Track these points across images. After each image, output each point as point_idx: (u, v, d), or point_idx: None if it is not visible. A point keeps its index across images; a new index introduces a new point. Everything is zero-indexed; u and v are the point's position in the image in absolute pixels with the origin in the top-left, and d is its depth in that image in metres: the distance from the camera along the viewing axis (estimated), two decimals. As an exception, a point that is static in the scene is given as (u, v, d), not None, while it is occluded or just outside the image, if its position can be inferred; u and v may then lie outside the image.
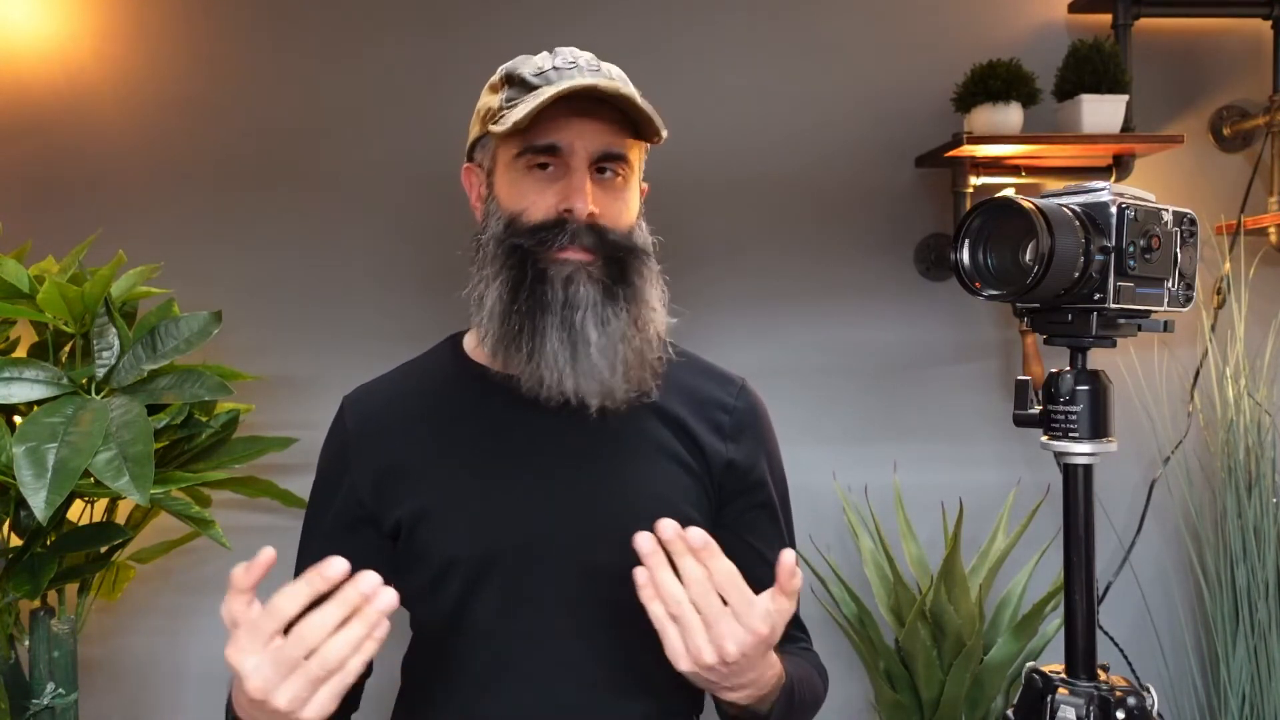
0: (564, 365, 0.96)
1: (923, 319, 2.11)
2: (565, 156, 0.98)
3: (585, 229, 0.97)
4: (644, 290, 1.01)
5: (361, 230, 2.03)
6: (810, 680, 1.04)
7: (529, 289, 0.97)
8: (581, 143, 0.97)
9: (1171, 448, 2.07)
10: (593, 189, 0.98)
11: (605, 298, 0.98)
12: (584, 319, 0.96)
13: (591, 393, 0.97)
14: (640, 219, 1.05)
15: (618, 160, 1.00)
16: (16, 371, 1.44)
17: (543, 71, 0.98)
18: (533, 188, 0.99)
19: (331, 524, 1.07)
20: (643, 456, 1.04)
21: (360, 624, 0.72)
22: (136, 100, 2.00)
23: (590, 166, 0.98)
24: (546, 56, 1.01)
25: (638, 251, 1.01)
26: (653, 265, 1.03)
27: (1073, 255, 0.84)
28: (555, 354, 0.96)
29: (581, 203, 0.96)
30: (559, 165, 0.98)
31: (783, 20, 2.08)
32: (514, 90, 0.99)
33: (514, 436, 1.03)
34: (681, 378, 1.09)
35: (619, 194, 1.01)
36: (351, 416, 1.08)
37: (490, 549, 1.01)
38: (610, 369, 0.97)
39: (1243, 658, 1.97)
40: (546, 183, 0.98)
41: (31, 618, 1.59)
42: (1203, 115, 2.14)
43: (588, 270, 0.97)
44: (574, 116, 0.96)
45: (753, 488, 1.10)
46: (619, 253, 0.99)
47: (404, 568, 1.06)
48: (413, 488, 1.03)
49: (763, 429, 1.12)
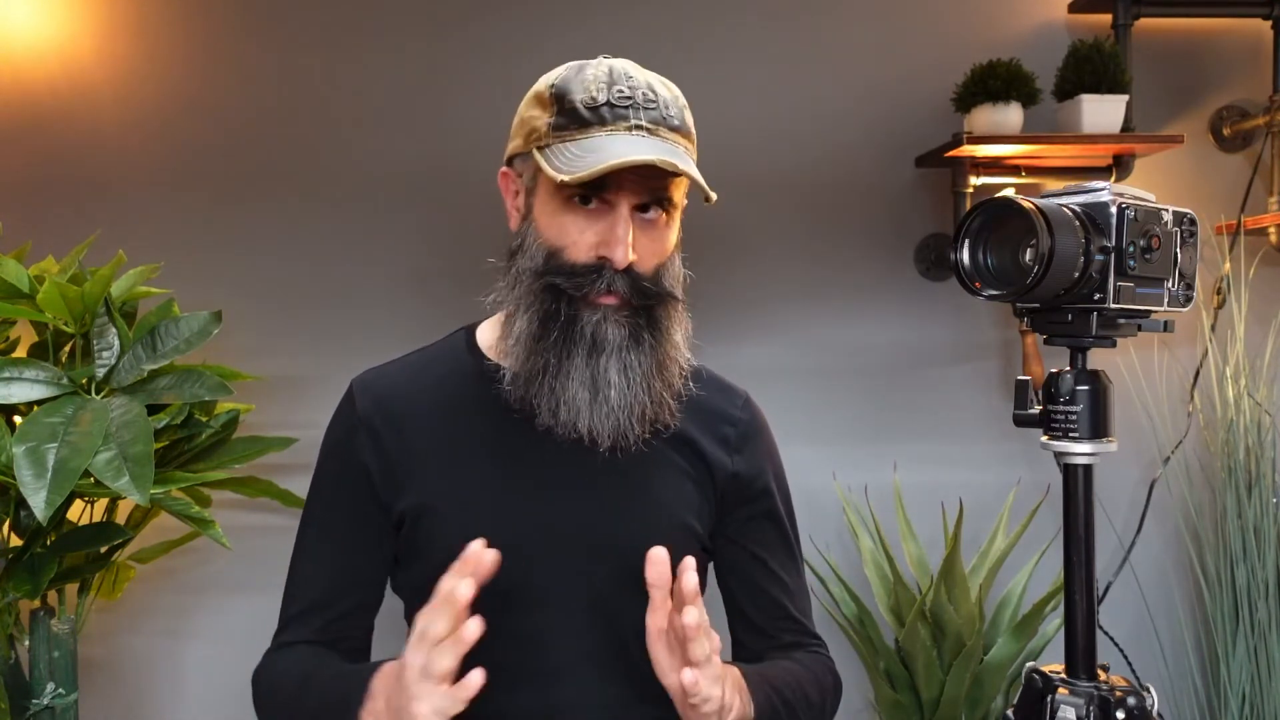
0: (583, 405, 0.97)
1: (923, 319, 2.11)
2: (610, 201, 0.96)
3: (621, 278, 0.96)
4: (670, 332, 1.01)
5: (362, 230, 2.03)
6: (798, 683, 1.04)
7: (561, 328, 0.97)
8: (628, 188, 0.96)
9: (1171, 448, 2.07)
10: (635, 233, 0.97)
11: (631, 342, 0.98)
12: (608, 362, 0.97)
13: (605, 434, 0.98)
14: (677, 250, 1.05)
15: (662, 203, 0.99)
16: (16, 371, 1.44)
17: (597, 106, 0.95)
18: (574, 225, 0.97)
19: (337, 513, 1.07)
20: (648, 464, 1.04)
21: None
22: (136, 100, 2.00)
23: (633, 209, 0.97)
24: (602, 81, 0.97)
25: (667, 298, 1.01)
26: (681, 306, 1.04)
27: (1073, 255, 0.84)
28: (576, 396, 0.97)
29: (622, 253, 0.95)
30: (601, 204, 0.97)
31: (783, 21, 2.08)
32: (563, 118, 0.96)
33: (522, 437, 1.03)
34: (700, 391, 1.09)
35: (660, 234, 1.00)
36: (361, 399, 1.07)
37: (492, 548, 1.00)
38: (627, 412, 0.98)
39: (1243, 658, 1.97)
40: (587, 221, 0.97)
41: (31, 618, 1.59)
42: (1203, 115, 2.14)
43: (616, 317, 0.97)
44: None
45: (756, 498, 1.10)
46: (649, 299, 0.99)
47: (405, 560, 1.06)
48: (419, 480, 1.03)
49: (766, 441, 1.13)
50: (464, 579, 0.82)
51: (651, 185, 0.97)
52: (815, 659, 1.12)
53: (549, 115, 0.97)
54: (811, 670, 1.09)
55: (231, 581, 1.99)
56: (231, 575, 1.99)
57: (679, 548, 1.05)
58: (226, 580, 2.00)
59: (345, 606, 1.06)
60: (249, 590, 1.97)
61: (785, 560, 1.13)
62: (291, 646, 1.04)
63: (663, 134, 0.97)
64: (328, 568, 1.06)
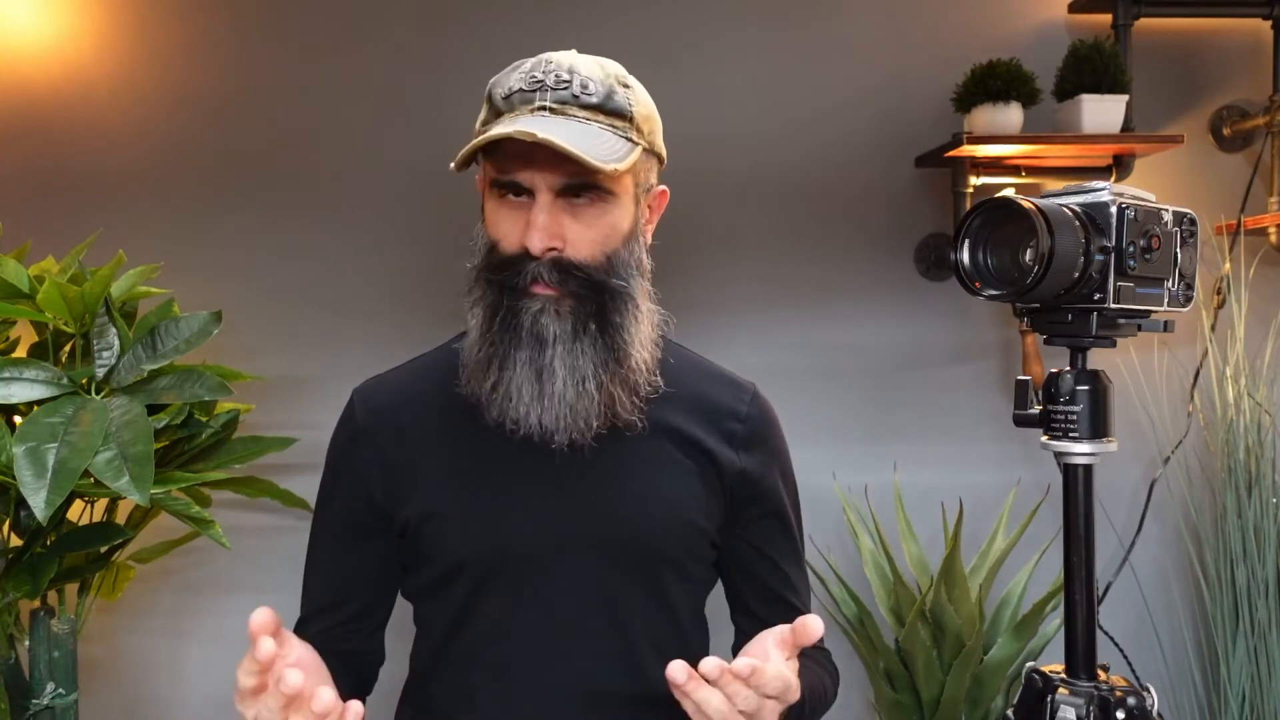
0: (530, 400, 0.96)
1: (923, 319, 2.11)
2: (525, 185, 0.95)
3: (547, 266, 0.94)
4: (621, 323, 0.98)
5: (362, 230, 2.04)
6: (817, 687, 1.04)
7: (502, 321, 0.96)
8: (540, 178, 0.94)
9: (1171, 448, 2.07)
10: (563, 218, 0.95)
11: (575, 336, 0.96)
12: (551, 356, 0.95)
13: (557, 430, 0.96)
14: (636, 236, 1.01)
15: (587, 188, 0.95)
16: (16, 371, 1.44)
17: (509, 95, 0.95)
18: (505, 219, 0.97)
19: (342, 521, 1.07)
20: (653, 463, 1.03)
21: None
22: (136, 100, 2.00)
23: (561, 195, 0.95)
24: (524, 72, 0.96)
25: (609, 286, 0.97)
26: (633, 294, 0.99)
27: (1073, 255, 0.84)
28: (520, 389, 0.96)
29: (536, 240, 0.93)
30: (526, 195, 0.96)
31: (783, 20, 2.08)
32: (488, 111, 0.98)
33: (524, 439, 1.02)
34: (691, 383, 1.08)
35: (595, 220, 0.96)
36: (362, 410, 1.08)
37: (498, 552, 1.00)
38: (576, 408, 0.96)
39: (1243, 658, 1.97)
40: (515, 214, 0.96)
41: (31, 618, 1.59)
42: (1203, 115, 2.14)
43: (556, 308, 0.95)
44: (534, 147, 0.91)
45: (764, 496, 1.09)
46: (588, 288, 0.96)
47: (410, 566, 1.06)
48: (421, 487, 1.03)
49: (775, 437, 1.11)
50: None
51: (570, 170, 0.93)
52: (818, 650, 1.12)
53: (482, 114, 0.99)
54: (818, 661, 1.10)
55: (231, 581, 1.99)
56: (231, 575, 1.99)
57: (686, 546, 1.05)
58: (226, 580, 2.00)
59: (351, 610, 1.08)
60: (249, 590, 1.97)
61: (790, 555, 1.12)
62: None
63: (571, 112, 0.94)
64: (333, 574, 1.08)
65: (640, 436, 1.02)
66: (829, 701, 1.09)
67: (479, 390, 0.98)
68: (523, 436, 0.99)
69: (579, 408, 0.96)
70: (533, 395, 0.96)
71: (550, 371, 0.95)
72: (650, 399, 1.02)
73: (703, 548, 1.06)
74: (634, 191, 1.00)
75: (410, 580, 1.08)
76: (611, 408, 0.98)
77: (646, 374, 1.01)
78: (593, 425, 0.97)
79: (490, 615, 1.01)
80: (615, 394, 0.98)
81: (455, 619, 1.03)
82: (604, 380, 0.97)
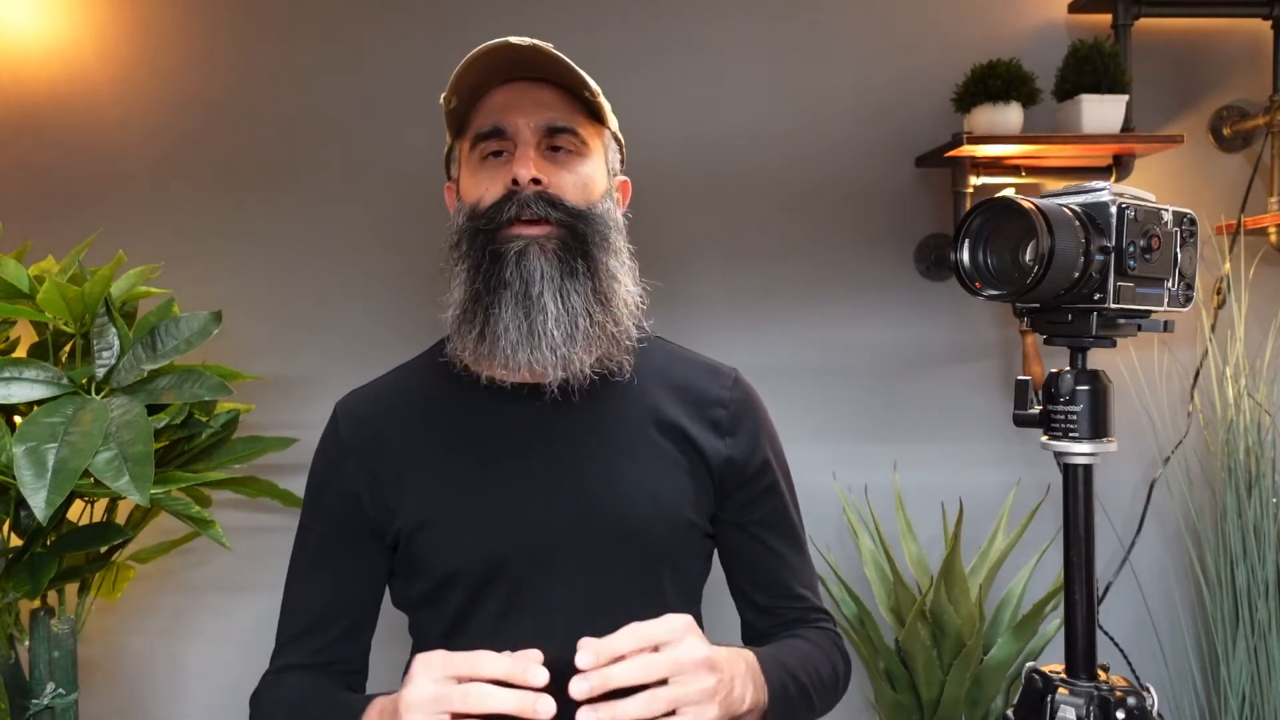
0: (518, 338, 0.96)
1: (923, 319, 2.11)
2: (512, 137, 0.99)
3: (534, 199, 0.96)
4: (605, 262, 1.00)
5: (362, 230, 2.03)
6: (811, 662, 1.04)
7: (485, 270, 0.97)
8: (523, 119, 0.98)
9: (1171, 448, 2.07)
10: (543, 162, 0.98)
11: (562, 270, 0.97)
12: (540, 292, 0.96)
13: (548, 364, 0.96)
14: (610, 199, 1.04)
15: (565, 133, 1.00)
16: (16, 371, 1.44)
17: (472, 57, 0.99)
18: (487, 175, 1.00)
19: (331, 538, 1.06)
20: (639, 459, 1.03)
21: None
22: (137, 100, 2.00)
23: (539, 144, 0.99)
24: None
25: (594, 220, 0.99)
26: (616, 238, 1.02)
27: (1073, 255, 0.84)
28: (508, 327, 0.96)
29: (524, 169, 0.96)
30: (509, 149, 0.99)
31: (783, 20, 2.08)
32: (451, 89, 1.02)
33: (509, 438, 1.02)
34: (672, 373, 1.08)
35: (571, 168, 1.00)
36: (345, 423, 1.07)
37: (491, 558, 1.00)
38: (567, 340, 0.96)
39: (1243, 658, 1.97)
40: (499, 167, 0.99)
41: (31, 618, 1.59)
42: (1203, 115, 2.14)
43: (540, 243, 0.96)
44: (516, 96, 0.98)
45: (753, 479, 1.09)
46: (573, 220, 0.98)
47: (403, 575, 1.06)
48: (410, 497, 1.03)
49: (759, 417, 1.12)
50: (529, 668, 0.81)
51: (548, 114, 0.99)
52: (823, 635, 1.11)
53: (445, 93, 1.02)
54: (820, 647, 1.08)
55: (231, 581, 1.99)
56: (231, 575, 1.99)
57: (680, 542, 1.05)
58: (226, 580, 2.00)
59: (340, 629, 1.06)
60: (249, 590, 1.97)
61: (787, 535, 1.12)
62: (289, 670, 1.04)
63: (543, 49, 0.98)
64: (321, 592, 1.06)
65: (626, 430, 1.02)
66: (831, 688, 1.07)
67: (466, 343, 0.98)
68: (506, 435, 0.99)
69: (570, 342, 0.97)
70: (521, 333, 0.96)
71: (540, 308, 0.95)
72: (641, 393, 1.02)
73: (694, 540, 1.06)
74: (605, 164, 1.04)
75: (403, 590, 1.07)
76: (602, 349, 0.99)
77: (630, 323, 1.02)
78: (585, 370, 0.98)
79: (486, 618, 1.01)
80: (603, 336, 0.99)
81: (451, 625, 1.02)
82: (594, 318, 0.98)
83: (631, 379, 1.04)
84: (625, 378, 1.03)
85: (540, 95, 0.99)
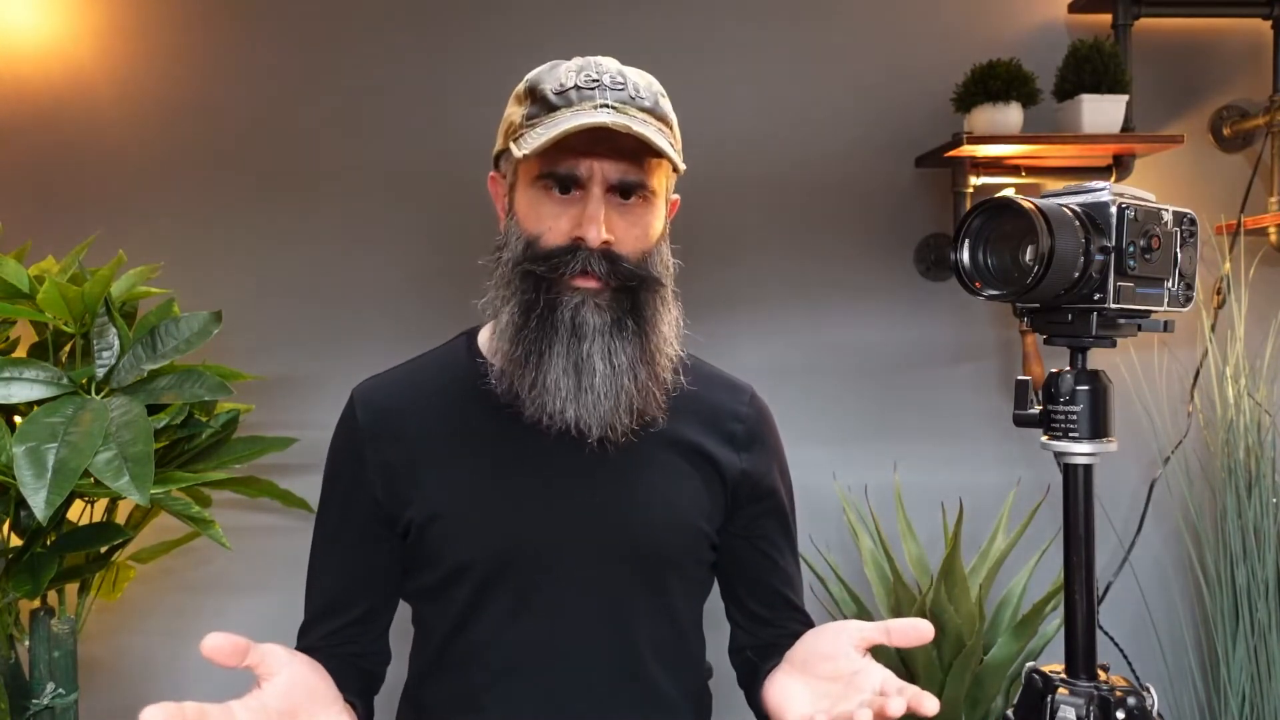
0: (567, 395, 0.96)
1: (923, 319, 2.11)
2: (584, 183, 0.96)
3: (598, 256, 0.95)
4: (656, 321, 1.00)
5: (362, 230, 2.03)
6: None
7: (539, 316, 0.97)
8: (600, 172, 0.96)
9: (1171, 448, 2.07)
10: (611, 215, 0.96)
11: (614, 329, 0.97)
12: (590, 349, 0.96)
13: (593, 424, 0.97)
14: (664, 239, 1.03)
15: (638, 187, 0.98)
16: (16, 371, 1.44)
17: (564, 90, 0.96)
18: (550, 212, 0.97)
19: (345, 524, 1.07)
20: (655, 466, 1.04)
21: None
22: (136, 100, 2.00)
23: (609, 192, 0.97)
24: (572, 70, 0.98)
25: (651, 281, 0.99)
26: (668, 294, 1.02)
27: (1073, 255, 0.84)
28: (558, 383, 0.96)
29: (595, 231, 0.95)
30: (578, 191, 0.97)
31: (783, 20, 2.08)
32: (535, 107, 0.97)
33: (527, 441, 1.02)
34: (690, 386, 1.09)
35: (639, 219, 0.99)
36: (362, 410, 1.07)
37: (502, 555, 1.00)
38: (614, 402, 0.97)
39: (1243, 658, 1.97)
40: (564, 208, 0.97)
41: (31, 618, 1.59)
42: (1203, 115, 2.14)
43: (596, 301, 0.96)
44: (594, 143, 0.94)
45: (764, 495, 1.10)
46: (631, 282, 0.98)
47: (413, 567, 1.06)
48: (425, 488, 1.03)
49: (772, 436, 1.13)
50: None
51: (625, 168, 0.96)
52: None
53: (524, 109, 0.98)
54: None
55: (231, 581, 1.99)
56: (231, 575, 1.99)
57: (690, 550, 1.05)
58: (226, 580, 2.00)
59: (357, 613, 1.06)
60: (249, 590, 1.97)
61: (787, 552, 1.13)
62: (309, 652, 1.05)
63: (630, 112, 0.95)
64: (338, 578, 1.07)
65: (645, 439, 1.02)
66: None
67: (520, 388, 0.98)
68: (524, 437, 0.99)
69: (616, 404, 0.97)
70: (570, 389, 0.96)
71: (589, 365, 0.96)
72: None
73: (703, 550, 1.07)
74: (666, 199, 1.03)
75: (412, 581, 1.07)
76: (644, 403, 0.99)
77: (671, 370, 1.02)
78: (625, 421, 0.98)
79: (493, 617, 1.01)
80: (650, 389, 0.99)
81: (458, 620, 1.02)
82: (640, 374, 0.98)
83: None
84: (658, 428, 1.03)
85: (621, 142, 0.95)
